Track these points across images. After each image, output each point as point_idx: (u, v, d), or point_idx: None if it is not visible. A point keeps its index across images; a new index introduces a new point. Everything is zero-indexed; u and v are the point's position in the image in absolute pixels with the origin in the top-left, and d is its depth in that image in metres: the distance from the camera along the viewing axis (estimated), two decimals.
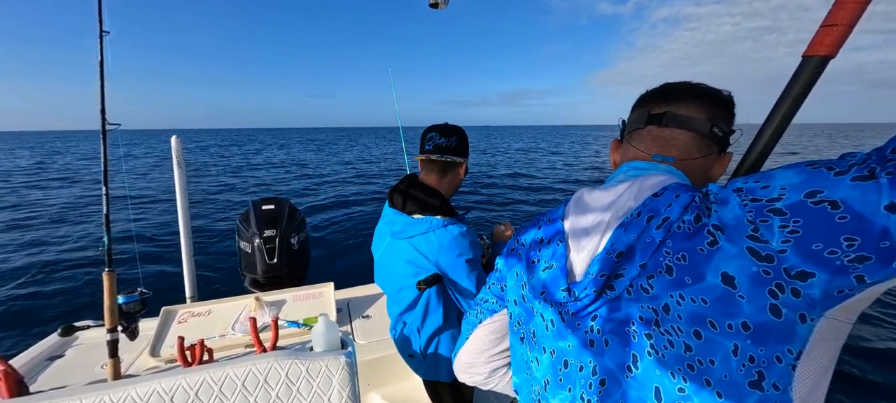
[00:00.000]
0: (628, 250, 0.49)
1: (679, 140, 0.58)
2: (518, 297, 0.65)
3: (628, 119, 0.66)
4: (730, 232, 0.42)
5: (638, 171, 0.58)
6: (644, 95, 0.64)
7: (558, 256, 0.58)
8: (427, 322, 1.19)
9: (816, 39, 0.50)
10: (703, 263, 0.43)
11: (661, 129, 0.59)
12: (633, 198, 0.53)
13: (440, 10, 1.40)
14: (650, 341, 0.46)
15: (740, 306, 0.40)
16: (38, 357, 1.53)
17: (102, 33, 1.30)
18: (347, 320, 1.94)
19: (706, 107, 0.57)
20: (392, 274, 1.22)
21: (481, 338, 0.74)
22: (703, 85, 0.59)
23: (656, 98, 0.61)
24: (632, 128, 0.64)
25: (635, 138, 0.62)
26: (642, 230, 0.48)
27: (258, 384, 0.94)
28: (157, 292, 1.48)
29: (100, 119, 1.31)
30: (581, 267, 0.55)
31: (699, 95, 0.57)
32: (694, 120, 0.56)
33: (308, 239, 2.70)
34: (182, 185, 2.17)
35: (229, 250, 5.57)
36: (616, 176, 0.61)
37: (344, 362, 0.99)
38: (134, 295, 1.31)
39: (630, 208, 0.52)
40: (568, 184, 12.28)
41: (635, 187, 0.54)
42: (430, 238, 1.10)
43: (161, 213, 8.09)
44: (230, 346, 1.55)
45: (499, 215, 8.11)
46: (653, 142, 0.60)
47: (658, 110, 0.59)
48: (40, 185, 11.99)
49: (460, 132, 1.21)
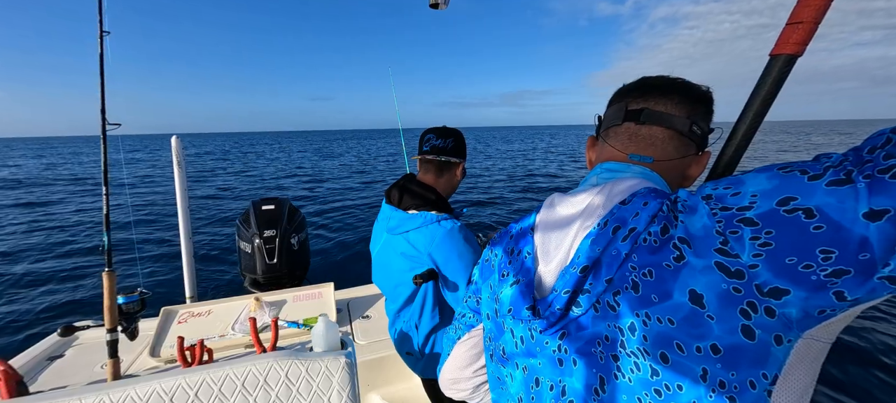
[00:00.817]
0: (594, 263, 0.46)
1: (657, 138, 0.55)
2: (491, 311, 0.61)
3: (605, 114, 0.62)
4: (697, 244, 0.38)
5: (610, 174, 0.56)
6: (621, 89, 0.61)
7: (525, 270, 0.55)
8: (424, 319, 1.20)
9: (782, 38, 0.49)
10: (669, 280, 0.39)
11: (639, 127, 0.56)
12: (602, 204, 0.50)
13: (440, 10, 1.40)
14: (617, 363, 0.43)
15: (709, 327, 0.37)
16: (38, 357, 1.53)
17: (103, 33, 1.30)
18: (347, 320, 1.94)
19: (685, 103, 0.54)
20: (388, 271, 1.23)
21: (461, 355, 0.72)
22: (682, 80, 0.56)
23: (633, 93, 0.57)
24: (608, 124, 0.60)
25: (612, 135, 0.59)
26: (608, 242, 0.45)
27: (258, 384, 0.94)
28: (156, 292, 1.48)
29: (100, 119, 1.31)
30: (549, 280, 0.52)
31: (678, 91, 0.54)
32: (673, 117, 0.54)
33: (308, 239, 2.70)
34: (182, 186, 2.17)
35: (230, 250, 5.58)
36: (589, 178, 0.59)
37: (344, 362, 0.99)
38: (134, 296, 1.30)
39: (599, 216, 0.49)
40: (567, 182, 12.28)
41: (605, 192, 0.51)
42: (424, 232, 1.11)
43: (161, 214, 8.09)
44: (230, 346, 1.55)
45: (499, 216, 8.11)
46: (630, 140, 0.57)
47: (635, 106, 0.56)
48: (43, 187, 11.99)
49: (457, 134, 1.24)
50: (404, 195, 1.18)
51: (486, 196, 10.12)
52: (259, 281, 2.41)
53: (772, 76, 0.51)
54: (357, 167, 18.05)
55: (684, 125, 0.54)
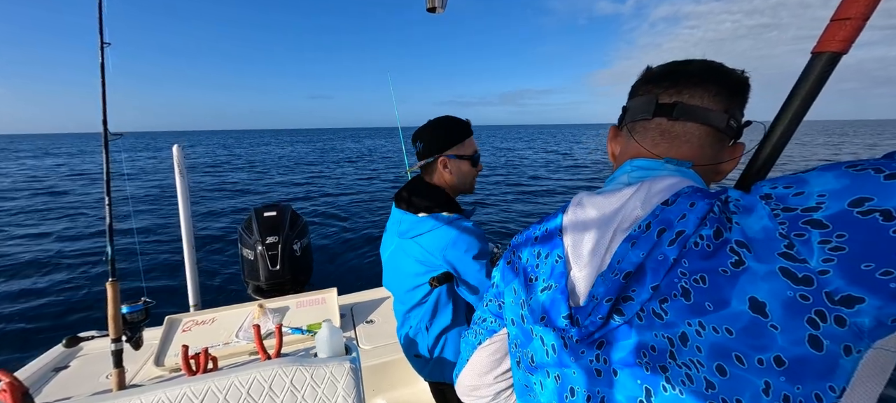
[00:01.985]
0: (637, 269, 0.43)
1: (693, 135, 0.51)
2: (516, 317, 0.58)
3: (630, 104, 0.56)
4: (758, 248, 0.36)
5: (644, 172, 0.51)
6: (648, 75, 0.55)
7: (557, 275, 0.51)
8: (436, 321, 1.20)
9: (827, 35, 0.46)
10: (726, 286, 0.37)
11: (672, 123, 0.51)
12: (641, 205, 0.47)
13: (438, 14, 1.40)
14: (665, 374, 0.40)
15: (773, 338, 0.34)
16: (43, 369, 1.53)
17: (103, 44, 1.31)
18: (351, 325, 1.94)
19: (723, 95, 0.50)
20: (401, 275, 1.22)
21: (482, 361, 0.69)
22: (718, 66, 0.51)
23: (664, 82, 0.52)
24: (635, 117, 0.55)
25: (640, 131, 0.54)
26: (653, 246, 0.42)
27: (263, 391, 0.94)
28: (160, 301, 1.48)
29: (102, 130, 1.32)
30: (584, 286, 0.49)
31: (715, 80, 0.50)
32: (710, 113, 0.49)
33: (310, 244, 2.70)
34: (184, 193, 2.18)
35: (232, 257, 5.59)
36: (618, 176, 0.55)
37: (348, 367, 0.99)
38: (138, 305, 1.31)
39: (637, 217, 0.46)
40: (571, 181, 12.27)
41: (643, 192, 0.47)
42: (435, 235, 1.10)
43: (164, 221, 8.12)
44: (234, 354, 1.55)
45: (504, 219, 8.11)
46: (661, 137, 0.52)
47: (667, 99, 0.51)
48: (48, 190, 12.05)
49: (426, 130, 1.19)
50: (413, 198, 1.18)
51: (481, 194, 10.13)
52: (262, 288, 2.41)
53: (813, 75, 0.48)
54: (359, 169, 18.08)
55: (722, 120, 0.49)
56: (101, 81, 1.31)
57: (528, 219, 7.88)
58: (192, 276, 2.20)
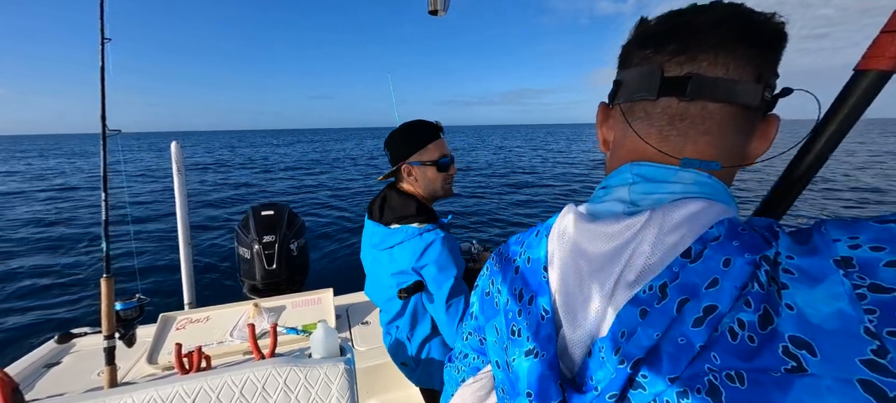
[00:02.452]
0: (649, 353, 0.31)
1: (716, 119, 0.36)
2: (501, 360, 0.46)
3: (624, 76, 0.41)
4: (826, 346, 0.25)
5: (651, 186, 0.38)
6: (645, 30, 0.40)
7: (544, 338, 0.39)
8: (417, 330, 1.19)
9: (875, 49, 0.38)
10: (774, 392, 0.26)
11: (686, 105, 0.36)
12: (650, 247, 0.34)
13: (440, 16, 1.41)
14: None
15: None
16: (35, 365, 1.52)
17: (104, 40, 1.30)
18: (346, 326, 1.93)
19: (754, 57, 0.35)
20: (379, 286, 1.21)
21: (466, 399, 0.60)
22: (742, 12, 0.35)
23: (669, 44, 0.37)
24: (632, 96, 0.40)
25: (641, 115, 0.40)
26: (670, 323, 0.30)
27: (256, 391, 0.93)
28: (154, 298, 1.48)
29: (100, 125, 1.31)
30: (578, 352, 0.38)
31: (742, 36, 0.34)
32: (738, 85, 0.34)
33: (307, 245, 2.70)
34: (181, 191, 2.17)
35: (228, 256, 5.56)
36: (615, 185, 0.41)
37: (343, 369, 0.99)
38: (132, 302, 1.30)
39: (647, 265, 0.34)
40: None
41: (653, 227, 0.34)
42: (405, 247, 1.08)
43: (160, 218, 8.08)
44: (228, 353, 1.54)
45: (497, 218, 8.11)
46: (670, 124, 0.38)
47: (677, 70, 0.36)
48: (44, 189, 11.99)
49: (390, 140, 1.18)
50: (385, 210, 1.16)
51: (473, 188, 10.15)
52: (258, 287, 2.40)
53: (856, 96, 0.40)
54: (358, 169, 18.06)
55: (755, 95, 0.35)
56: (100, 77, 1.31)
57: (518, 212, 7.88)
58: (188, 274, 2.19)
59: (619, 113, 0.43)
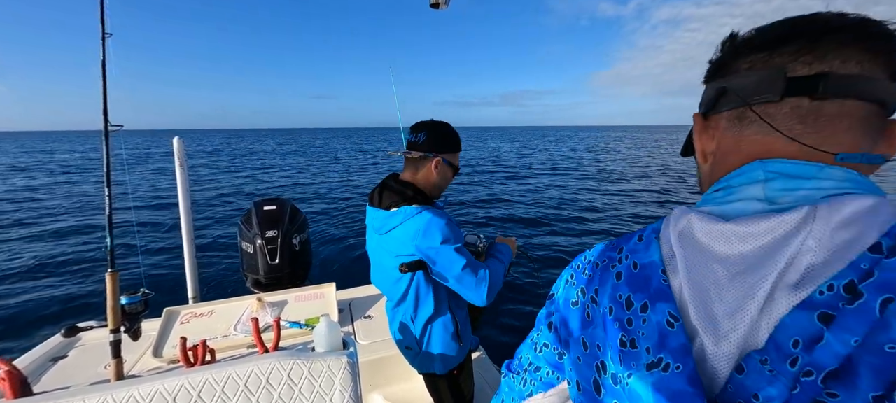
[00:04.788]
0: (844, 364, 0.26)
1: (852, 117, 0.34)
2: (587, 383, 0.41)
3: (733, 83, 0.38)
4: None
5: (795, 182, 0.34)
6: (749, 39, 0.38)
7: (676, 349, 0.33)
8: (419, 311, 1.22)
9: None
10: None
11: (820, 103, 0.34)
12: (817, 244, 0.30)
13: (441, 9, 1.40)
14: None
15: None
16: (42, 358, 1.54)
17: (105, 35, 1.30)
18: (349, 320, 1.95)
19: (884, 56, 0.33)
20: (383, 271, 1.26)
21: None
22: (863, 18, 0.34)
23: (792, 44, 0.35)
24: (751, 99, 0.37)
25: (754, 119, 0.37)
26: (871, 327, 0.26)
27: (260, 384, 0.94)
28: (159, 293, 1.49)
29: (102, 120, 1.32)
30: (724, 368, 0.32)
31: (872, 35, 0.33)
32: (877, 83, 0.33)
33: (310, 239, 2.71)
34: (184, 186, 2.18)
35: (232, 250, 5.59)
36: (741, 186, 0.37)
37: (346, 362, 1.00)
38: (137, 296, 1.31)
39: (812, 265, 0.30)
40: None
41: (820, 222, 0.30)
42: (406, 226, 1.13)
43: (164, 214, 8.12)
44: (232, 347, 1.56)
45: (500, 222, 8.11)
46: (802, 123, 0.35)
47: (805, 70, 0.34)
48: (46, 184, 12.05)
49: (432, 128, 1.22)
50: (384, 195, 1.21)
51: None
52: (261, 282, 2.41)
53: None
54: (359, 165, 18.06)
55: (892, 93, 0.34)
56: (101, 72, 1.31)
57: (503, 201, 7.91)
58: (192, 268, 2.20)
59: (726, 120, 0.40)
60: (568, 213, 8.12)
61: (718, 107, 0.41)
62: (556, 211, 8.25)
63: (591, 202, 9.39)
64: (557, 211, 8.34)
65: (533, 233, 6.70)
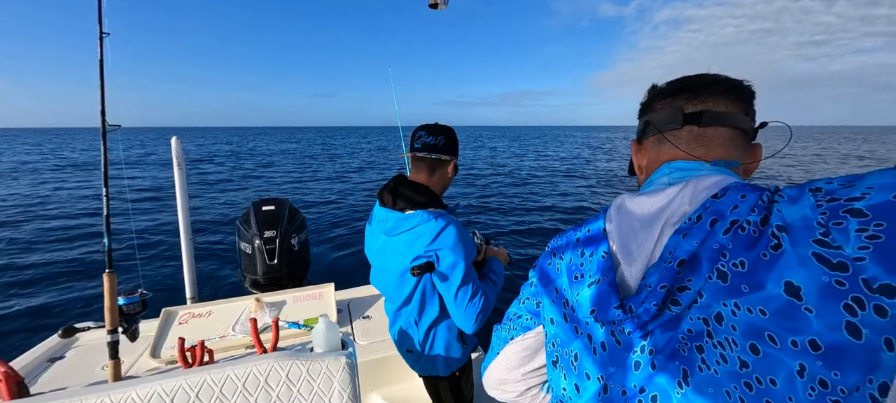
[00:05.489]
0: (691, 258, 0.43)
1: (725, 138, 0.54)
2: (557, 316, 0.59)
3: (655, 118, 0.59)
4: (795, 234, 0.36)
5: (685, 173, 0.53)
6: (662, 90, 0.59)
7: (605, 269, 0.52)
8: (425, 314, 1.21)
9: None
10: (762, 270, 0.37)
11: (704, 129, 0.54)
12: (689, 201, 0.48)
13: (440, 10, 1.40)
14: (701, 355, 0.41)
15: (807, 321, 0.34)
16: (39, 359, 1.53)
17: (102, 35, 1.30)
18: (348, 321, 1.94)
19: (741, 100, 0.54)
20: (389, 272, 1.23)
21: (513, 355, 0.70)
22: (727, 77, 0.56)
23: (684, 93, 0.56)
24: (664, 127, 0.58)
25: (671, 138, 0.57)
26: (706, 235, 0.42)
27: (259, 385, 0.94)
28: (157, 293, 1.48)
29: (100, 120, 1.31)
30: (634, 281, 0.49)
31: (732, 89, 0.54)
32: (736, 116, 0.53)
33: (308, 239, 2.70)
34: (182, 186, 2.18)
35: (230, 250, 5.58)
36: (657, 178, 0.56)
37: (344, 363, 0.99)
38: (134, 297, 1.31)
39: (685, 213, 0.47)
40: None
41: (689, 189, 0.49)
42: (422, 230, 1.13)
43: (162, 213, 8.09)
44: (231, 347, 1.55)
45: (495, 222, 8.12)
46: (695, 141, 0.55)
47: (693, 108, 0.55)
48: (46, 183, 12.00)
49: (448, 131, 1.24)
50: (398, 197, 1.19)
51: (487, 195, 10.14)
52: (259, 282, 2.41)
53: None
54: (358, 166, 18.04)
55: (747, 123, 0.54)
56: (99, 72, 1.30)
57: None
58: (190, 269, 2.20)
59: (651, 142, 0.60)
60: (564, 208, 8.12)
61: (646, 134, 0.61)
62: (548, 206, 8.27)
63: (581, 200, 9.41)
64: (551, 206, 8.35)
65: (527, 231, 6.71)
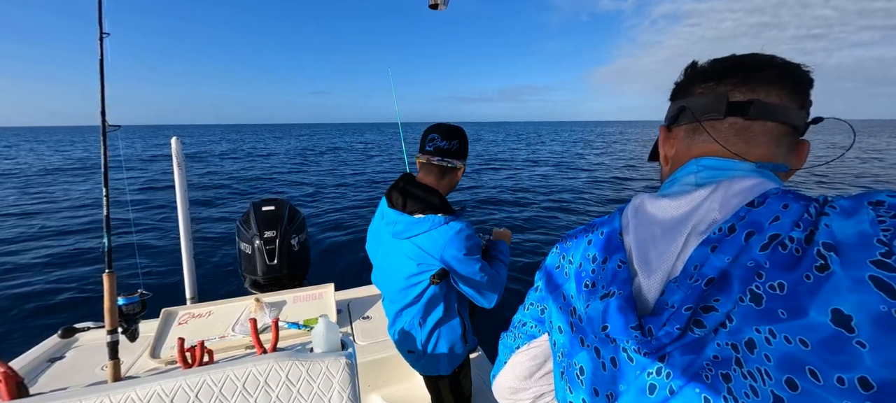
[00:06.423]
0: (721, 276, 0.38)
1: (772, 134, 0.46)
2: (564, 325, 0.54)
3: (693, 104, 0.50)
4: (848, 253, 0.31)
5: (715, 173, 0.46)
6: (704, 70, 0.50)
7: (620, 281, 0.46)
8: (429, 317, 1.22)
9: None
10: (805, 295, 0.32)
11: (749, 123, 0.46)
12: (719, 207, 0.42)
13: (440, 10, 1.40)
14: (728, 384, 0.36)
15: (858, 355, 0.29)
16: (39, 359, 1.53)
17: (102, 35, 1.30)
18: (348, 321, 1.94)
19: (798, 92, 0.46)
20: (394, 273, 1.23)
21: (520, 364, 0.67)
22: (784, 61, 0.46)
23: (732, 77, 0.47)
24: (702, 116, 0.49)
25: (709, 129, 0.49)
26: (740, 250, 0.37)
27: (258, 385, 0.94)
28: (157, 293, 1.48)
29: (100, 120, 1.31)
30: (652, 294, 0.44)
31: (789, 75, 0.46)
32: (790, 111, 0.45)
33: (308, 240, 2.70)
34: (182, 186, 2.17)
35: (230, 250, 5.58)
36: (682, 177, 0.49)
37: (344, 363, 0.99)
38: (134, 297, 1.31)
39: (715, 221, 0.41)
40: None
41: (720, 193, 0.43)
42: (433, 235, 1.12)
43: (161, 213, 8.10)
44: (230, 348, 1.55)
45: (494, 218, 8.12)
46: (737, 136, 0.47)
47: (740, 97, 0.46)
48: (45, 183, 12.00)
49: (461, 135, 1.23)
50: (408, 199, 1.18)
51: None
52: (259, 282, 2.41)
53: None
54: (358, 165, 18.05)
55: (801, 118, 0.46)
56: (99, 72, 1.30)
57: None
58: (190, 269, 2.20)
59: (684, 131, 0.52)
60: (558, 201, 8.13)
61: (679, 120, 0.53)
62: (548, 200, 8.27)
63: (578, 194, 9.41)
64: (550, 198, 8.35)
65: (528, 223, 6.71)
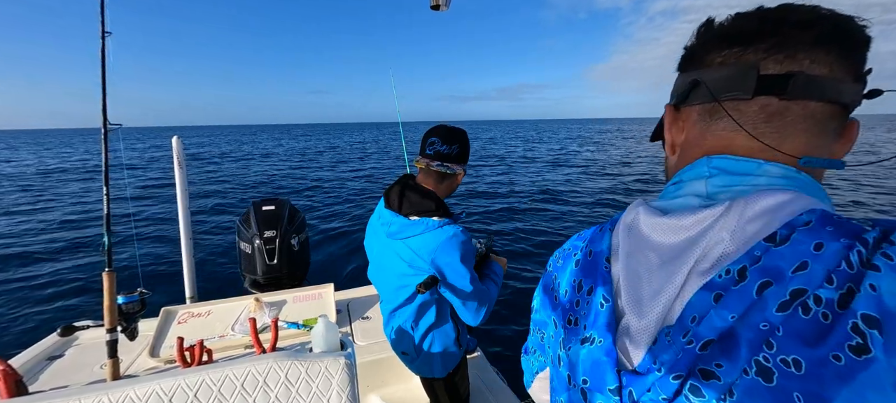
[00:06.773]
0: (724, 336, 0.29)
1: (813, 117, 0.34)
2: (555, 357, 0.46)
3: (709, 77, 0.37)
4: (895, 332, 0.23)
5: (732, 179, 0.35)
6: (724, 30, 0.37)
7: (602, 325, 0.38)
8: (421, 320, 1.21)
9: None
10: (831, 383, 0.24)
11: (787, 104, 0.34)
12: (730, 235, 0.32)
13: (442, 11, 1.40)
14: None
15: None
16: (38, 357, 1.53)
17: (104, 34, 1.30)
18: (347, 321, 1.94)
19: (851, 57, 0.33)
20: (388, 273, 1.23)
21: (541, 387, 0.60)
22: (833, 12, 0.33)
23: (763, 40, 0.34)
24: (723, 94, 0.36)
25: (723, 115, 0.37)
26: (749, 306, 0.28)
27: (257, 385, 0.94)
28: (156, 292, 1.48)
29: (101, 119, 1.31)
30: (642, 343, 0.35)
31: (842, 35, 0.33)
32: (842, 86, 0.33)
33: (308, 240, 2.70)
34: (182, 185, 2.17)
35: (230, 250, 5.58)
36: (688, 180, 0.39)
37: (343, 363, 0.99)
38: (134, 296, 1.31)
39: (724, 254, 0.32)
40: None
41: (733, 215, 0.32)
42: (426, 238, 1.12)
43: (162, 212, 8.10)
44: (230, 347, 1.55)
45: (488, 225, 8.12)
46: (767, 122, 0.35)
47: (776, 68, 0.34)
48: (42, 183, 12.01)
49: (462, 139, 1.21)
50: (404, 201, 1.18)
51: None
52: (259, 282, 2.41)
53: None
54: (357, 165, 18.05)
55: (856, 95, 0.34)
56: (101, 71, 1.30)
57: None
58: (189, 268, 2.20)
59: (697, 113, 0.40)
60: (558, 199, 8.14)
61: (690, 99, 0.40)
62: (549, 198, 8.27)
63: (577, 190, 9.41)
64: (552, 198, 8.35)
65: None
